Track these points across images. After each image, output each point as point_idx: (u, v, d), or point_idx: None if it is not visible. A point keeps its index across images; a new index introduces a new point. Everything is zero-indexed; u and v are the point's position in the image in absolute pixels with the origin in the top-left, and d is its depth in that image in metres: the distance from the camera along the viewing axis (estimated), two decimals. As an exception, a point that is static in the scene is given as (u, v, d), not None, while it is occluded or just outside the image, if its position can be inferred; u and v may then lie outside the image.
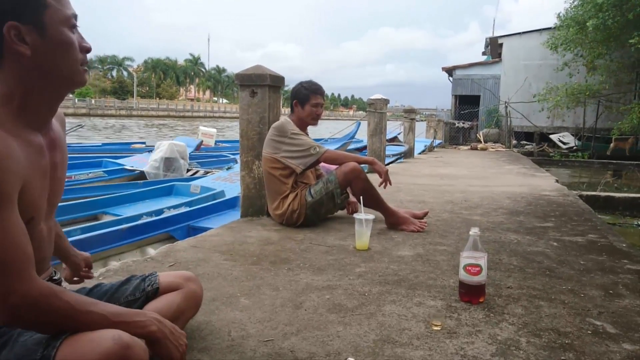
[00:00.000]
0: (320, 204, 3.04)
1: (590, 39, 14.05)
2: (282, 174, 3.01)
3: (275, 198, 3.08)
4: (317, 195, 3.02)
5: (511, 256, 2.53)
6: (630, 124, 13.23)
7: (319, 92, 3.14)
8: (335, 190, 3.04)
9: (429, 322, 1.66)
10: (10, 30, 0.88)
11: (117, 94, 76.67)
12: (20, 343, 0.97)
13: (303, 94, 3.11)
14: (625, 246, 2.82)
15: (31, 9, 0.89)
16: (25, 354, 0.95)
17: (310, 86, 3.12)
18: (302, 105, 3.11)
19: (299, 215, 3.02)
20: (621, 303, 1.89)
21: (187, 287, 1.37)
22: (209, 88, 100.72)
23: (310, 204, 3.01)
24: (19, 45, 0.89)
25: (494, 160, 10.07)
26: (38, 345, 0.95)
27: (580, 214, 3.87)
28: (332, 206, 3.13)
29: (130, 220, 4.46)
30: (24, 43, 0.90)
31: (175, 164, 8.07)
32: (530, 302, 1.88)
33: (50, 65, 0.94)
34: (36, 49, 0.91)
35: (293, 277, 2.11)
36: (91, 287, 1.35)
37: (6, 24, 0.87)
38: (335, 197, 3.06)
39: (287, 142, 2.98)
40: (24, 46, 0.90)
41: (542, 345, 1.51)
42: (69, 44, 0.96)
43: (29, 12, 0.89)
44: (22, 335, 0.99)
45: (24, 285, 0.89)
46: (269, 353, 1.42)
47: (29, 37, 0.90)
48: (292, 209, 3.01)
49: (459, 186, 5.44)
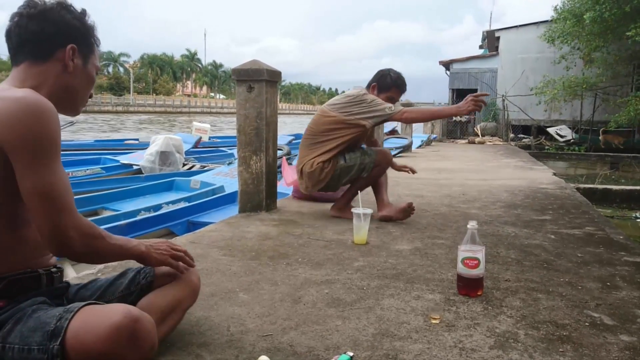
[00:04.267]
0: (348, 170, 3.10)
1: (587, 32, 14.02)
2: (337, 136, 3.05)
3: (310, 155, 3.11)
4: (350, 161, 3.09)
5: (509, 249, 2.54)
6: (628, 117, 13.22)
7: (401, 89, 3.18)
8: (369, 164, 3.11)
9: (428, 316, 1.67)
10: (73, 49, 1.17)
11: (114, 90, 76.39)
12: (34, 318, 1.05)
13: (387, 82, 3.14)
14: (623, 238, 2.83)
15: (87, 47, 1.21)
16: (39, 326, 1.03)
17: (396, 79, 3.15)
18: (379, 91, 3.14)
19: (327, 174, 3.07)
20: (618, 295, 1.90)
21: (183, 276, 1.38)
22: (206, 83, 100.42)
23: (340, 167, 3.08)
24: (70, 60, 1.17)
25: (492, 153, 10.08)
26: (52, 318, 1.04)
27: (577, 206, 3.88)
28: (356, 177, 3.16)
29: (128, 215, 4.45)
30: (72, 62, 1.18)
31: (171, 157, 8.04)
32: (528, 294, 1.89)
33: (75, 86, 1.20)
34: (75, 70, 1.19)
35: (292, 272, 2.12)
36: (86, 283, 1.36)
37: (72, 43, 1.17)
38: (364, 170, 3.12)
39: (363, 104, 3.01)
40: (71, 63, 1.17)
41: (540, 337, 1.52)
42: (93, 81, 1.27)
43: (86, 47, 1.20)
44: (36, 312, 1.07)
45: (77, 221, 1.08)
46: (268, 348, 1.42)
47: (77, 60, 1.19)
48: (322, 167, 3.06)
49: (457, 180, 5.45)
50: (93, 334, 1.00)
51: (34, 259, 1.16)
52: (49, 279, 1.19)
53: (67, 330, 1.01)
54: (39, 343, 1.01)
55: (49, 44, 1.14)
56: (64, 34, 1.15)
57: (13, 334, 1.04)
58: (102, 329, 0.99)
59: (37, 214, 1.04)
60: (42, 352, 1.00)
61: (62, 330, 1.01)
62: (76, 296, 1.30)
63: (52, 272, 1.20)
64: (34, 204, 1.03)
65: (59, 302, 1.22)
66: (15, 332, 1.04)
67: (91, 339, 0.99)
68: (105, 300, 1.29)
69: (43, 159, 1.03)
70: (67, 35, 1.15)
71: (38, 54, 1.13)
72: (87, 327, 1.01)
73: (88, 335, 1.00)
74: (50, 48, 1.14)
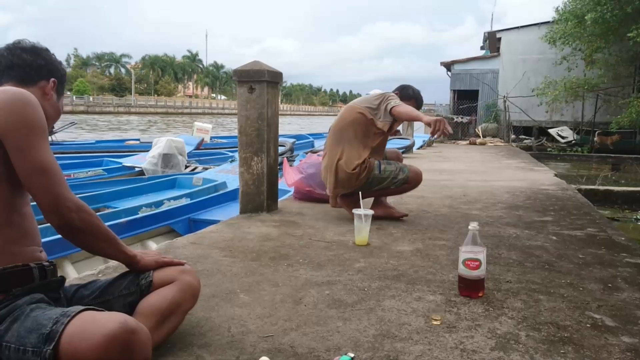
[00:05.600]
0: (380, 182, 3.15)
1: (588, 33, 14.01)
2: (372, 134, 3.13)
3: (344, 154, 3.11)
4: (384, 173, 3.15)
5: (510, 250, 2.54)
6: (629, 118, 13.20)
7: (419, 103, 3.36)
8: (401, 180, 3.17)
9: (429, 317, 1.67)
10: (54, 82, 1.34)
11: (115, 91, 76.53)
12: (32, 318, 1.06)
13: (409, 93, 3.32)
14: (624, 240, 2.82)
15: (62, 87, 1.38)
16: (35, 327, 1.04)
17: (417, 93, 3.37)
18: (400, 99, 3.21)
19: (360, 181, 3.09)
20: (620, 296, 1.89)
21: (181, 279, 1.38)
22: (207, 84, 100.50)
23: (374, 177, 3.12)
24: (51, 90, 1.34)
25: (493, 154, 10.07)
26: (48, 321, 1.04)
27: (579, 207, 3.87)
28: (384, 188, 3.21)
29: (129, 212, 4.40)
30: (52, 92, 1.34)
31: (174, 160, 8.05)
32: (529, 296, 1.89)
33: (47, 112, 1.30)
34: (51, 100, 1.35)
35: (293, 273, 2.12)
36: (86, 283, 1.36)
37: (54, 78, 1.34)
38: (395, 184, 3.19)
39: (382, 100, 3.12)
40: (52, 93, 1.34)
41: (542, 339, 1.52)
42: (59, 115, 1.42)
43: (61, 87, 1.38)
44: (34, 311, 1.08)
45: (73, 196, 1.17)
46: (269, 349, 1.42)
47: (54, 93, 1.35)
48: (358, 174, 3.08)
49: (458, 181, 5.45)
50: (87, 341, 0.99)
51: (25, 254, 1.18)
52: (42, 273, 1.19)
53: (62, 334, 1.00)
54: (33, 345, 1.01)
55: (35, 73, 1.30)
56: (50, 69, 1.33)
57: (10, 333, 1.05)
58: (96, 337, 0.98)
59: (37, 189, 1.13)
60: (35, 355, 1.00)
61: (57, 335, 1.00)
62: (75, 295, 1.30)
63: (44, 267, 1.21)
64: (33, 180, 1.12)
65: (55, 296, 1.23)
66: (12, 330, 1.05)
67: (85, 346, 0.98)
68: (104, 300, 1.29)
69: (36, 139, 1.13)
70: (51, 71, 1.33)
71: (24, 79, 1.28)
72: (82, 334, 1.00)
73: (82, 342, 0.99)
74: (36, 77, 1.30)
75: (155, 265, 1.39)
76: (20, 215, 1.19)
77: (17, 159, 1.11)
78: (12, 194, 1.16)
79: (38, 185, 1.12)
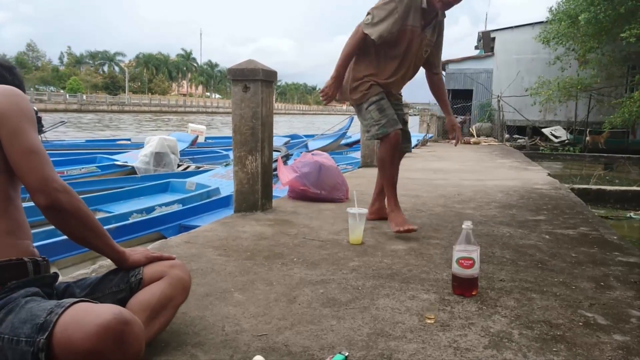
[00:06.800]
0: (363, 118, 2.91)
1: (582, 33, 14.10)
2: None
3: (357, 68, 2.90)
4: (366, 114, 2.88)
5: (504, 249, 2.55)
6: (622, 118, 13.31)
7: None
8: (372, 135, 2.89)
9: (422, 315, 1.67)
10: None
11: (109, 89, 76.17)
12: (27, 309, 1.07)
13: None
14: (616, 238, 2.84)
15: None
16: (29, 318, 1.05)
17: None
18: None
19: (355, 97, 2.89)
20: (612, 295, 1.91)
21: (171, 273, 1.38)
22: (202, 83, 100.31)
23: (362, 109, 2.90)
24: None
25: (487, 154, 10.11)
26: (42, 312, 1.05)
27: (572, 207, 3.90)
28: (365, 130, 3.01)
29: (119, 218, 4.37)
30: None
31: (166, 159, 8.01)
32: (522, 294, 1.90)
33: None
34: None
35: (287, 272, 2.12)
36: (76, 280, 1.36)
37: None
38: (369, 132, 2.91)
39: None
40: None
41: (534, 337, 1.53)
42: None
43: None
44: (29, 303, 1.09)
45: (58, 177, 1.18)
46: (263, 347, 1.42)
47: None
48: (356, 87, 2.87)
49: (452, 180, 5.46)
50: (81, 331, 1.00)
51: (19, 247, 1.19)
52: (36, 268, 1.20)
53: (56, 324, 1.01)
54: (27, 335, 1.02)
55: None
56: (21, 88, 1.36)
57: (4, 324, 1.06)
58: (90, 327, 0.99)
59: (27, 170, 1.16)
60: (29, 345, 1.01)
61: (51, 324, 1.01)
62: (66, 292, 1.30)
63: (38, 261, 1.21)
64: (23, 162, 1.16)
65: (49, 291, 1.24)
66: (6, 322, 1.06)
67: (78, 336, 0.99)
68: (94, 297, 1.29)
69: (27, 125, 1.19)
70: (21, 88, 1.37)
71: None
72: (76, 324, 1.01)
73: (76, 332, 1.00)
74: None
75: (145, 261, 1.39)
76: (15, 207, 1.20)
77: (11, 143, 1.16)
78: (8, 186, 1.19)
79: (27, 165, 1.15)
